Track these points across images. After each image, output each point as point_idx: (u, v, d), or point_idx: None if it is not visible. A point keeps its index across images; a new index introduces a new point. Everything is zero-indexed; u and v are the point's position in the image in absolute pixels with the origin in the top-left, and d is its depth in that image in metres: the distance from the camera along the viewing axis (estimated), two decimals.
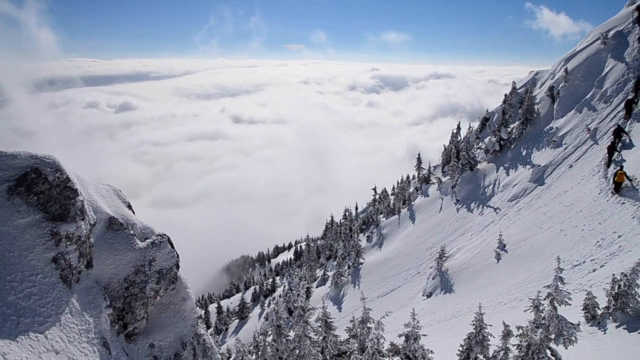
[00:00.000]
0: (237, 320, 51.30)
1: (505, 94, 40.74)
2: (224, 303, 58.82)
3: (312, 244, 66.41)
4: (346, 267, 40.16)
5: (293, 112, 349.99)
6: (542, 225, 24.92)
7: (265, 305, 49.33)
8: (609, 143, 25.61)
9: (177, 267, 6.97)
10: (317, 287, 45.14)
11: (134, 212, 7.13)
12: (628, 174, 21.50)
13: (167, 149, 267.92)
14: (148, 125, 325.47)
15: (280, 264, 79.64)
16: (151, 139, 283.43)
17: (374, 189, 53.10)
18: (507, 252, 24.94)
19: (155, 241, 6.65)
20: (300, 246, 79.77)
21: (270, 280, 58.94)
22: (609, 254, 18.18)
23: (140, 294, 6.25)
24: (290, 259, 77.79)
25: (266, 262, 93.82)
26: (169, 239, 6.97)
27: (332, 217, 60.25)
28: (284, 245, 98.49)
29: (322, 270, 48.81)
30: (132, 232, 6.42)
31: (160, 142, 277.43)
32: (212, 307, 56.88)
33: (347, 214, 53.56)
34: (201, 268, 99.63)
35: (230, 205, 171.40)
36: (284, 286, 48.18)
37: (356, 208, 59.72)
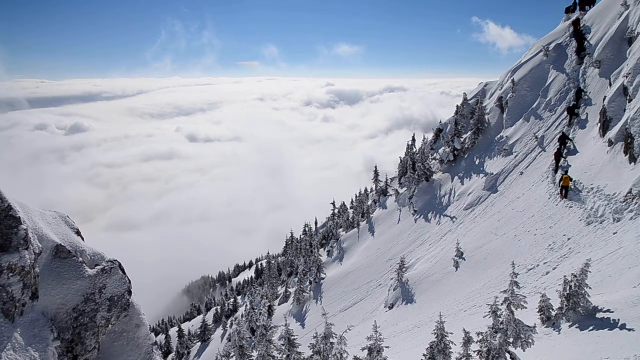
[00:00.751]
0: (199, 343, 49.97)
1: (457, 105, 41.76)
2: (185, 326, 57.25)
3: (272, 261, 65.80)
4: (308, 283, 39.87)
5: (249, 129, 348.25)
6: (497, 232, 25.49)
7: (228, 325, 48.34)
8: (556, 150, 26.71)
9: (129, 293, 6.67)
10: (279, 304, 44.60)
11: (83, 239, 6.80)
12: (573, 178, 22.58)
13: (122, 171, 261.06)
14: (101, 147, 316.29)
15: (242, 282, 78.45)
16: (104, 160, 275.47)
17: (333, 203, 53.20)
18: (464, 259, 25.33)
19: (106, 268, 6.34)
20: (261, 264, 78.94)
21: (232, 300, 57.91)
22: (560, 256, 18.76)
23: (90, 323, 5.93)
24: (251, 277, 76.78)
25: (227, 282, 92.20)
26: (120, 264, 6.68)
27: (291, 233, 59.90)
28: (244, 263, 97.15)
29: (284, 287, 48.33)
30: (80, 259, 6.10)
31: (114, 164, 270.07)
32: (173, 331, 55.25)
33: (306, 229, 53.39)
34: (160, 291, 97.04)
35: (189, 226, 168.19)
36: (246, 305, 47.45)
37: (316, 223, 59.64)
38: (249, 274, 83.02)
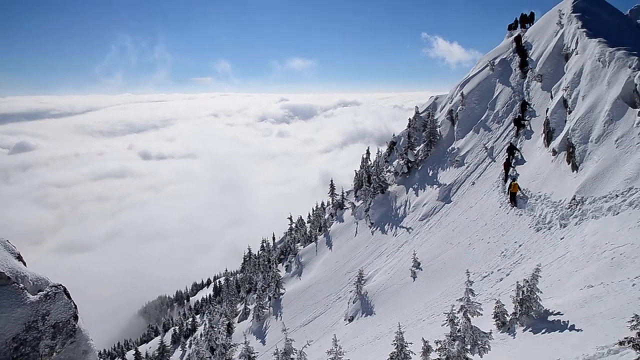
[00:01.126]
0: None
1: (410, 119, 42.77)
2: (142, 348, 55.46)
3: (231, 278, 64.90)
4: (267, 299, 39.51)
5: (203, 146, 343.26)
6: (452, 241, 26.12)
7: (187, 346, 47.16)
8: (505, 160, 27.79)
9: (76, 318, 6.43)
10: (239, 322, 43.94)
11: (25, 263, 6.54)
12: (521, 186, 23.68)
13: (72, 190, 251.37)
14: (49, 166, 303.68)
15: (200, 301, 76.79)
16: (53, 180, 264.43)
17: (290, 218, 53.08)
18: (422, 269, 25.79)
19: (50, 293, 6.12)
20: (220, 281, 77.61)
21: (190, 319, 56.65)
22: (513, 262, 19.43)
23: (32, 353, 5.68)
24: (210, 295, 75.31)
25: (185, 301, 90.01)
26: (65, 289, 6.44)
27: (249, 249, 59.32)
28: (202, 281, 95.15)
29: (243, 305, 47.69)
30: (22, 285, 5.85)
31: (63, 183, 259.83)
32: (130, 354, 53.43)
33: (264, 244, 53.05)
34: (115, 314, 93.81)
35: (144, 245, 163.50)
36: (205, 324, 46.45)
37: (273, 238, 59.27)
38: (208, 292, 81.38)
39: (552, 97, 28.38)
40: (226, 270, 78.91)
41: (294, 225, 53.32)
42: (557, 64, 30.46)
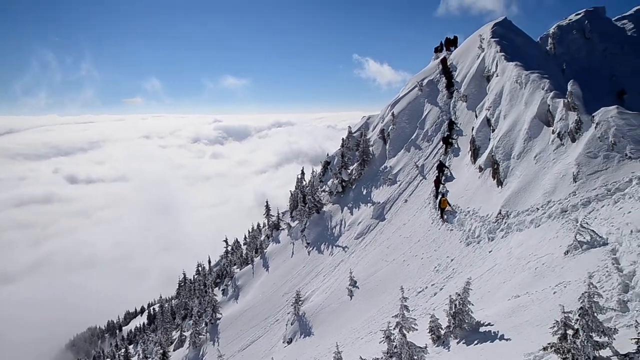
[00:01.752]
0: None
1: (343, 138, 43.37)
2: None
3: (166, 305, 62.50)
4: (204, 325, 38.37)
5: (135, 168, 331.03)
6: (387, 258, 26.51)
7: None
8: (435, 177, 28.77)
9: None
10: (174, 350, 42.28)
11: None
12: (451, 202, 24.66)
13: None
14: None
15: (133, 330, 73.26)
16: None
17: (226, 241, 52.14)
18: (358, 288, 25.95)
19: None
20: (154, 308, 74.45)
21: (123, 350, 53.78)
22: (446, 277, 19.98)
23: None
24: (144, 323, 72.08)
25: (117, 331, 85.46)
26: None
27: (184, 274, 57.63)
28: (135, 309, 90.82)
29: (179, 332, 46.02)
30: None
31: None
32: None
33: (200, 269, 51.71)
34: (40, 349, 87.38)
35: (72, 274, 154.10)
36: (139, 355, 44.42)
37: (209, 262, 57.84)
38: (141, 320, 77.87)
39: (476, 117, 29.82)
40: (160, 297, 75.99)
41: (229, 248, 52.41)
42: (480, 85, 32.11)
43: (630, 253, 11.32)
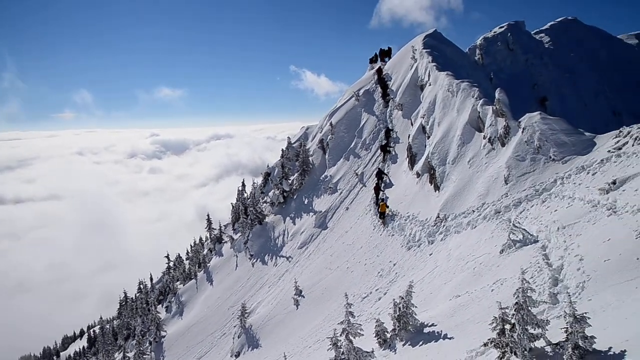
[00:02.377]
0: None
1: (282, 149, 43.46)
2: None
3: (107, 326, 59.88)
4: (148, 344, 37.08)
5: (68, 186, 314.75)
6: (331, 266, 26.76)
7: None
8: (375, 184, 29.43)
9: None
10: None
11: None
12: (391, 208, 25.42)
13: None
14: None
15: (72, 355, 69.51)
16: None
17: (167, 257, 50.74)
18: (304, 297, 26.01)
19: None
20: (94, 331, 71.00)
21: None
22: (389, 281, 20.45)
23: None
24: (84, 347, 68.49)
25: (54, 358, 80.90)
26: None
27: (125, 293, 55.44)
28: (74, 333, 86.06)
29: (122, 353, 44.13)
30: None
31: None
32: None
33: (141, 286, 49.96)
34: None
35: (3, 299, 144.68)
36: None
37: (151, 279, 55.97)
38: (81, 344, 74.07)
39: (412, 124, 30.84)
40: (101, 318, 72.78)
41: (172, 264, 51.04)
42: (414, 94, 33.27)
43: (558, 248, 12.10)
